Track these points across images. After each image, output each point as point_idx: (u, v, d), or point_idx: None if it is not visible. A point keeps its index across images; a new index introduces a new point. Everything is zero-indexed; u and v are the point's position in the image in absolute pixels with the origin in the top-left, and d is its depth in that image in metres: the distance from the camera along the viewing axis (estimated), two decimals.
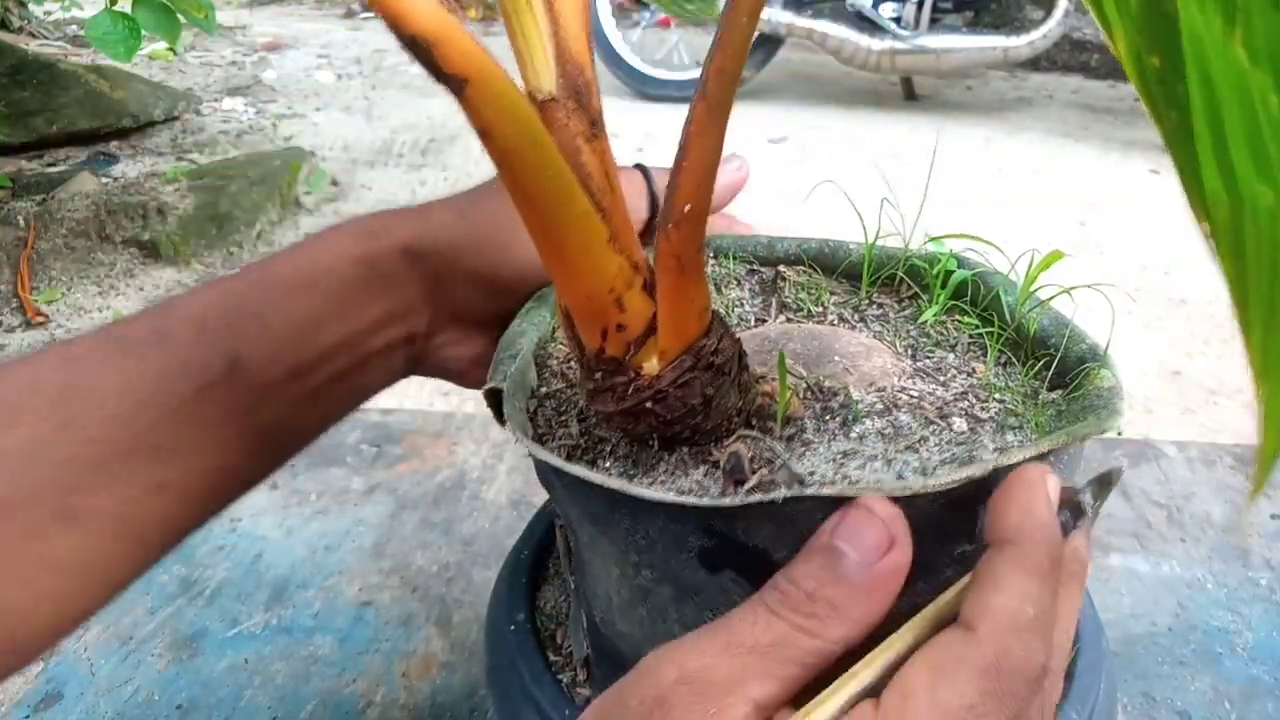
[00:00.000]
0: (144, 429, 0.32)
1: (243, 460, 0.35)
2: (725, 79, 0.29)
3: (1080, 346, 0.41)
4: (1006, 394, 0.40)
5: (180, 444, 0.33)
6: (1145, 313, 1.46)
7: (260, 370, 0.34)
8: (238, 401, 0.34)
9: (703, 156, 0.29)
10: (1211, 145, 0.21)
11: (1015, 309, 0.44)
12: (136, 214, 1.68)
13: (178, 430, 0.32)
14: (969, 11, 2.88)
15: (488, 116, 0.26)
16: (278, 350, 0.34)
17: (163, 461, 0.32)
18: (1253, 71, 0.20)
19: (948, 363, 0.43)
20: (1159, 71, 0.22)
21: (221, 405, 0.33)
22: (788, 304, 0.48)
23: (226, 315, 0.34)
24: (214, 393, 0.33)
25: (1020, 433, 0.37)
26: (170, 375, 0.33)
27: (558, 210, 0.28)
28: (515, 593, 0.49)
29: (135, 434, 0.32)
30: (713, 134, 0.29)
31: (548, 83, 0.28)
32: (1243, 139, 0.21)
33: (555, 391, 0.41)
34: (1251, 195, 0.21)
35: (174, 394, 0.33)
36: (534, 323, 0.43)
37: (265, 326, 0.34)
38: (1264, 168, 0.21)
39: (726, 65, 0.28)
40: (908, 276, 0.49)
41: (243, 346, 0.34)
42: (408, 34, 0.24)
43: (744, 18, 0.28)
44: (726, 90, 0.29)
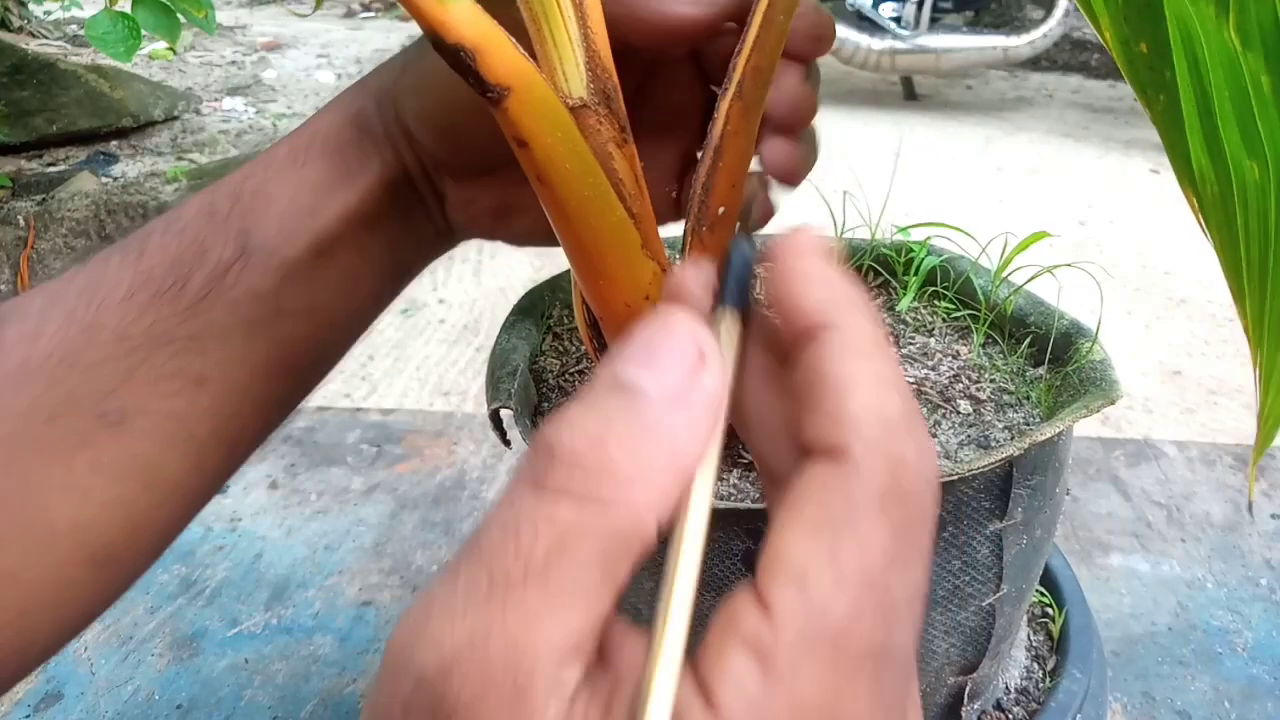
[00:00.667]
0: (167, 320, 0.31)
1: (281, 351, 0.34)
2: (760, 78, 0.28)
3: (1062, 323, 0.42)
4: (996, 374, 0.41)
5: (207, 332, 0.32)
6: (1145, 313, 1.46)
7: (275, 248, 0.33)
8: (258, 283, 0.33)
9: (737, 157, 0.29)
10: (1200, 125, 0.22)
11: (989, 292, 0.45)
12: (136, 213, 1.68)
13: (201, 319, 0.32)
14: (969, 11, 2.88)
15: (528, 125, 0.26)
16: (289, 224, 0.33)
17: (194, 353, 0.32)
18: (1244, 55, 0.21)
19: (931, 347, 0.44)
20: (1147, 58, 0.22)
21: (242, 287, 0.32)
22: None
23: (232, 197, 0.33)
24: (231, 276, 0.32)
25: (1021, 410, 0.38)
26: (184, 261, 0.32)
27: (596, 220, 0.28)
28: None
29: (159, 326, 0.31)
30: (747, 134, 0.29)
31: (578, 88, 0.27)
32: (1232, 119, 0.21)
33: (559, 406, 0.41)
34: (1239, 170, 0.22)
35: (190, 281, 0.32)
36: (522, 336, 0.43)
37: (272, 200, 0.33)
38: (1253, 145, 0.21)
39: (762, 64, 0.28)
40: (877, 265, 0.50)
41: (252, 223, 0.33)
42: (450, 44, 0.24)
43: (780, 15, 0.27)
44: (761, 89, 0.29)
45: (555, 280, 0.51)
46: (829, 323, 0.19)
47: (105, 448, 0.31)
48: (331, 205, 0.33)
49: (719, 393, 0.19)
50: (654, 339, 0.19)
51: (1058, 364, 0.41)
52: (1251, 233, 0.22)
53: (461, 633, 0.16)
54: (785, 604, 0.16)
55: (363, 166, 0.34)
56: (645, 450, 0.18)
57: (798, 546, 0.17)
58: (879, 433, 0.17)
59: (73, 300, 0.31)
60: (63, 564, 0.30)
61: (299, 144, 0.34)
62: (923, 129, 2.59)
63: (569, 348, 0.47)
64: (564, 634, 0.16)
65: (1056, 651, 0.52)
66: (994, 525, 0.34)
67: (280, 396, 0.36)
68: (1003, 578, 0.40)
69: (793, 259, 0.20)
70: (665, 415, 0.18)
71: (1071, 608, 0.53)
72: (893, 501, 0.17)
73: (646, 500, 0.17)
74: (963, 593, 0.39)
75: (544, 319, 0.49)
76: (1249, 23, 0.20)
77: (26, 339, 0.31)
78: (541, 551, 0.17)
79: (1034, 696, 0.50)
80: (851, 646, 0.16)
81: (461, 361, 1.32)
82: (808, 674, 0.16)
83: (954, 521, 0.31)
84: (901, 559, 0.17)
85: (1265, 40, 0.20)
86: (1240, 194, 0.22)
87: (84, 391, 0.30)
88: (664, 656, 0.16)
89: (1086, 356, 0.39)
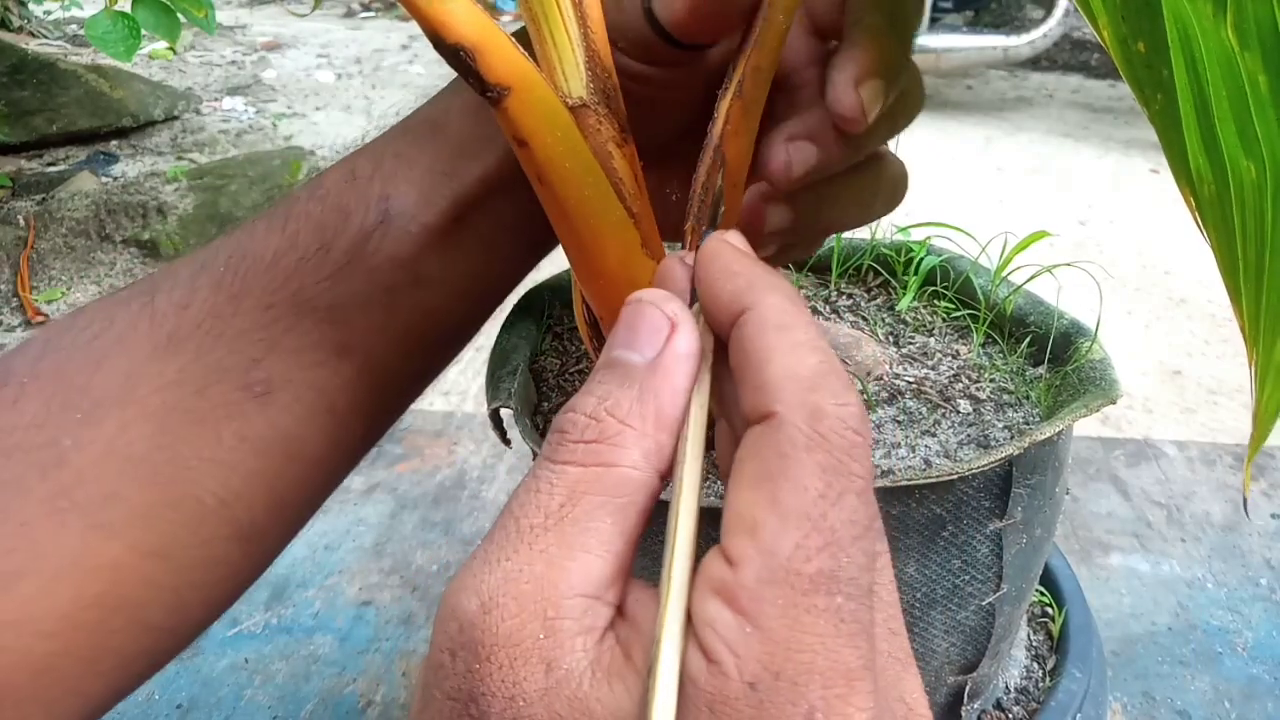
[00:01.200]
0: (311, 287, 0.31)
1: (419, 321, 0.34)
2: (760, 77, 0.28)
3: (1062, 323, 0.42)
4: (996, 373, 0.41)
5: (350, 300, 0.32)
6: (1145, 313, 1.46)
7: (415, 213, 0.32)
8: (399, 250, 0.32)
9: (738, 157, 0.29)
10: (1197, 124, 0.22)
11: (988, 291, 0.45)
12: (136, 213, 1.68)
13: (344, 286, 0.32)
14: (969, 11, 2.88)
15: (528, 125, 0.26)
16: (428, 189, 0.32)
17: (338, 321, 0.32)
18: (1242, 54, 0.21)
19: (931, 347, 0.44)
20: (1144, 57, 0.22)
21: (383, 254, 0.32)
22: None
23: (374, 162, 0.33)
24: (373, 242, 0.32)
25: (1020, 409, 0.38)
26: (327, 227, 0.32)
27: (595, 220, 0.28)
28: None
29: (304, 293, 0.31)
30: (747, 133, 0.29)
31: (578, 87, 0.27)
32: (1230, 117, 0.21)
33: (559, 406, 0.41)
34: (1237, 170, 0.22)
35: (334, 246, 0.31)
36: (522, 336, 0.43)
37: (411, 164, 0.32)
38: (1249, 144, 0.21)
39: (762, 63, 0.28)
40: (877, 265, 0.50)
41: (393, 188, 0.32)
42: (450, 44, 0.24)
43: (780, 15, 0.27)
44: (761, 88, 0.28)
45: (555, 279, 0.51)
46: (745, 305, 0.21)
47: (252, 420, 0.30)
48: (471, 169, 0.32)
49: (692, 351, 0.22)
50: (632, 319, 0.22)
51: (1057, 363, 0.41)
52: (1248, 232, 0.22)
53: (498, 575, 0.19)
54: (740, 551, 0.18)
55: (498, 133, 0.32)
56: (635, 411, 0.21)
57: (744, 500, 0.19)
58: (796, 391, 0.19)
59: (221, 267, 0.31)
60: (210, 540, 0.30)
61: (437, 109, 0.34)
62: (922, 129, 2.59)
63: (569, 347, 0.47)
64: (586, 576, 0.19)
65: (1056, 651, 0.52)
66: (994, 524, 0.34)
67: (417, 369, 0.35)
68: (1002, 577, 0.40)
69: (708, 262, 0.23)
70: (648, 379, 0.21)
71: (1071, 607, 0.53)
72: (816, 447, 0.19)
73: (642, 451, 0.20)
74: (962, 592, 0.39)
75: (544, 318, 0.49)
76: (1246, 22, 0.21)
77: (176, 307, 0.30)
78: (557, 503, 0.20)
79: (1034, 696, 0.50)
80: (802, 577, 0.18)
81: (461, 361, 1.32)
82: (769, 607, 0.17)
83: (954, 520, 0.31)
84: (833, 493, 0.18)
85: (1263, 40, 0.21)
86: (1237, 193, 0.22)
87: (231, 361, 0.30)
88: (670, 608, 0.18)
89: (1086, 356, 0.39)
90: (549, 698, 0.18)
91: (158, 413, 0.29)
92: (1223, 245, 0.23)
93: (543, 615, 0.19)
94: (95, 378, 0.29)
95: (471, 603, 0.19)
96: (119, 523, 0.28)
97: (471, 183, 0.32)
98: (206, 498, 0.30)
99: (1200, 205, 0.23)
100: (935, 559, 0.37)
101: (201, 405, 0.30)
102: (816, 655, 0.17)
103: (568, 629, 0.19)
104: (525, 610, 0.19)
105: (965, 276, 0.47)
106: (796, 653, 0.17)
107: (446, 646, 0.19)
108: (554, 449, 0.21)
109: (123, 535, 0.28)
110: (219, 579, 0.31)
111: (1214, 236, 0.23)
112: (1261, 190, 0.22)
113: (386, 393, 0.34)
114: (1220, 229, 0.23)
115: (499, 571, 0.19)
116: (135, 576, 0.29)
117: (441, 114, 0.33)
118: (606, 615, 0.19)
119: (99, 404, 0.29)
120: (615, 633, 0.19)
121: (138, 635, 0.29)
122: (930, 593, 0.38)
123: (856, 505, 0.19)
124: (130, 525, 0.28)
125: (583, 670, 0.18)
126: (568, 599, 0.19)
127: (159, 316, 0.30)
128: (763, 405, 0.20)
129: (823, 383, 0.19)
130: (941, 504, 0.35)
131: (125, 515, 0.28)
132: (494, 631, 0.18)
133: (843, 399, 0.19)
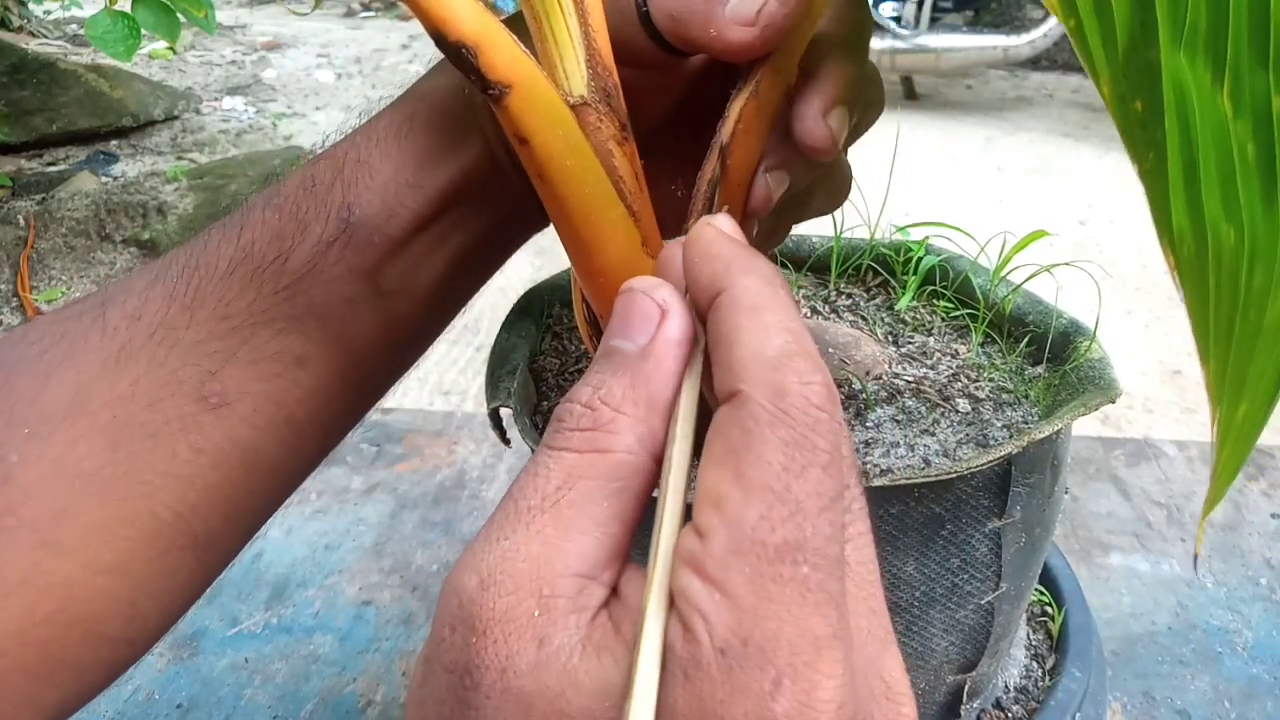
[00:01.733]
0: (268, 298, 0.31)
1: (381, 330, 0.33)
2: (779, 80, 0.28)
3: (1061, 322, 0.42)
4: (995, 372, 0.41)
5: (309, 311, 0.31)
6: (1145, 313, 1.46)
7: (378, 223, 0.31)
8: (360, 260, 0.31)
9: (746, 157, 0.29)
10: (1184, 186, 0.22)
11: (987, 291, 0.45)
12: (136, 213, 1.68)
13: (303, 296, 0.31)
14: (969, 10, 2.88)
15: (529, 123, 0.26)
16: (392, 198, 0.32)
17: (296, 332, 0.31)
18: (1235, 122, 0.22)
19: (930, 346, 0.44)
20: (1140, 115, 0.23)
21: (344, 264, 0.31)
22: None
23: (334, 169, 0.32)
24: (334, 252, 0.31)
25: (1019, 408, 0.38)
26: (285, 236, 0.31)
27: (596, 218, 0.28)
28: None
29: (260, 304, 0.31)
30: (758, 134, 0.29)
31: (579, 85, 0.27)
32: (1215, 182, 0.22)
33: (558, 404, 0.41)
34: (1217, 234, 0.22)
35: (292, 256, 0.31)
36: (522, 335, 0.43)
37: (374, 172, 0.32)
38: (1232, 210, 0.22)
39: (782, 66, 0.28)
40: (876, 265, 0.50)
41: (354, 197, 0.31)
42: (452, 41, 0.24)
43: (805, 24, 0.27)
44: (778, 91, 0.28)
45: (555, 279, 0.51)
46: (720, 288, 0.21)
47: (208, 432, 0.30)
48: (436, 178, 0.32)
49: (682, 336, 0.22)
50: (625, 308, 0.23)
51: (1056, 363, 0.41)
52: (1222, 295, 0.23)
53: (495, 554, 0.20)
54: (709, 524, 0.19)
55: (467, 139, 0.32)
56: (628, 397, 0.21)
57: (711, 476, 0.19)
58: (760, 370, 0.20)
59: (174, 278, 0.31)
60: (167, 552, 0.30)
61: (401, 114, 0.33)
62: (922, 128, 2.59)
63: (569, 347, 0.47)
64: (581, 556, 0.20)
65: (1056, 650, 0.52)
66: (992, 524, 0.34)
67: (377, 377, 0.35)
68: (1001, 576, 0.40)
69: (690, 247, 0.23)
70: (639, 366, 0.22)
71: (1071, 607, 0.53)
72: (778, 423, 0.19)
73: (635, 435, 0.21)
74: (961, 591, 0.39)
75: (544, 318, 0.49)
76: (1242, 92, 0.21)
77: (128, 319, 0.30)
78: (554, 486, 0.20)
79: (1033, 695, 0.50)
80: (767, 546, 0.18)
81: (461, 361, 1.32)
82: (736, 575, 0.18)
83: (953, 519, 0.31)
84: (796, 466, 0.19)
85: (1256, 110, 0.21)
86: (1215, 256, 0.23)
87: (186, 373, 0.30)
88: (655, 582, 0.19)
89: (1085, 355, 0.39)
90: (539, 670, 0.19)
91: (109, 427, 0.29)
92: (1197, 306, 0.23)
93: (538, 593, 0.19)
94: (44, 392, 0.29)
95: (471, 580, 0.20)
96: (71, 540, 0.28)
97: (436, 193, 0.32)
98: (162, 511, 0.29)
99: (1179, 264, 0.23)
100: (934, 558, 0.37)
101: (155, 419, 0.29)
102: (784, 623, 0.18)
103: (561, 607, 0.19)
104: (521, 588, 0.19)
105: (964, 276, 0.47)
106: (764, 620, 0.18)
107: (447, 621, 0.20)
108: (552, 436, 0.21)
109: (75, 553, 0.28)
110: (175, 588, 0.31)
111: (1189, 297, 0.23)
112: (1238, 256, 0.22)
113: (346, 401, 0.34)
114: (1196, 290, 0.23)
115: (497, 550, 0.20)
116: (89, 593, 0.28)
117: (406, 120, 0.32)
118: (601, 595, 0.20)
119: (47, 419, 0.28)
120: (608, 611, 0.20)
121: (94, 647, 0.29)
122: (929, 592, 0.38)
123: (821, 478, 0.19)
124: (83, 542, 0.28)
125: (573, 645, 0.19)
126: (562, 578, 0.19)
127: (110, 329, 0.30)
128: (729, 384, 0.20)
129: (788, 362, 0.20)
130: (940, 503, 0.35)
131: (78, 532, 0.28)
132: (491, 607, 0.19)
133: (807, 378, 0.20)
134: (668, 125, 0.34)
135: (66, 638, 0.28)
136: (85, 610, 0.28)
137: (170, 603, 0.31)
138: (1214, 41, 0.21)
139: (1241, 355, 0.23)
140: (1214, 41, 0.21)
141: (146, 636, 0.30)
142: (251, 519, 0.33)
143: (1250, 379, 0.23)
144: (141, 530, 0.29)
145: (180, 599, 0.31)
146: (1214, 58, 0.21)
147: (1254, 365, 0.23)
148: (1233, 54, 0.21)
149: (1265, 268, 0.22)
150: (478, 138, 0.32)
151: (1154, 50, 0.22)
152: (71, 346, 0.29)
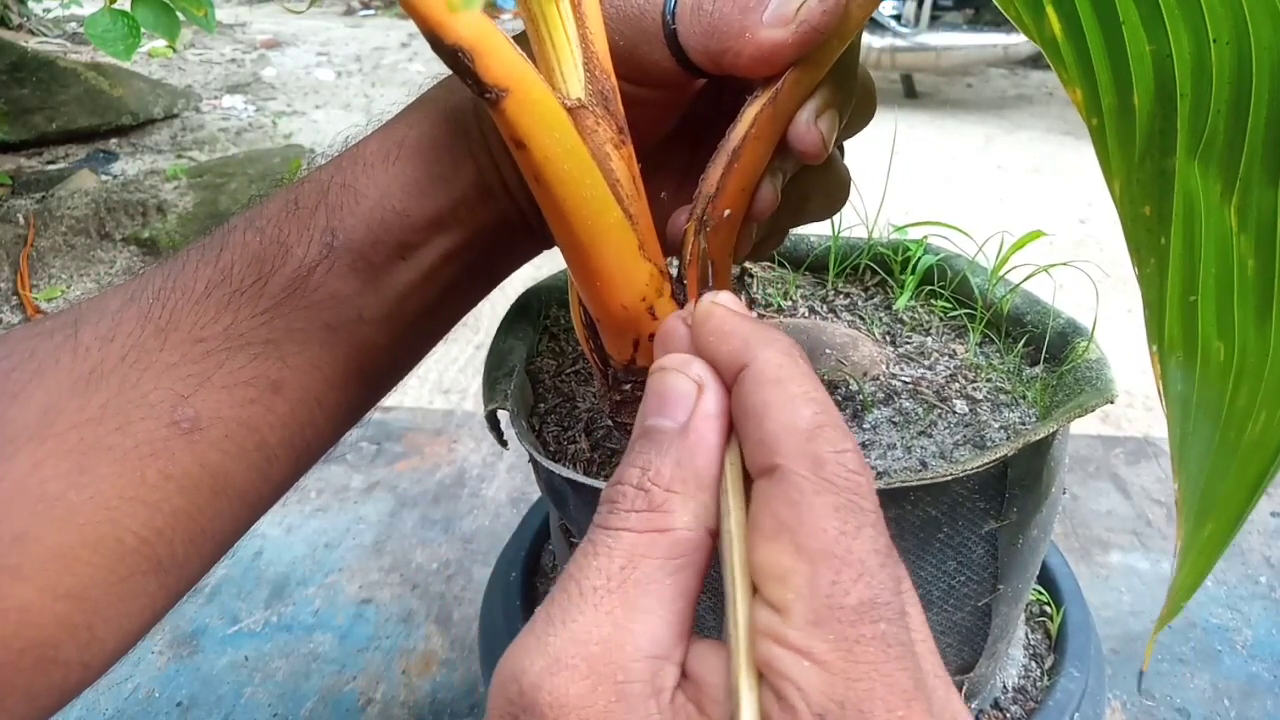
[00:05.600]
0: (245, 321, 0.30)
1: (359, 358, 0.33)
2: (799, 91, 0.28)
3: (1059, 322, 0.42)
4: (993, 373, 0.41)
5: (286, 336, 0.30)
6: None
7: (362, 250, 0.31)
8: (342, 286, 0.31)
9: (754, 162, 0.29)
10: (1181, 295, 0.23)
11: (985, 290, 0.45)
12: (136, 211, 1.68)
13: (281, 321, 0.30)
14: (969, 9, 2.88)
15: (525, 126, 0.25)
16: (377, 226, 0.31)
17: (272, 358, 0.30)
18: (1239, 236, 0.22)
19: (928, 346, 0.44)
20: (1148, 220, 0.23)
21: (325, 290, 0.31)
22: (757, 300, 0.49)
23: (318, 193, 0.31)
24: (316, 277, 0.30)
25: (1016, 409, 0.38)
26: (265, 259, 0.30)
27: (593, 221, 0.28)
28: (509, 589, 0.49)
29: (237, 328, 0.30)
30: (769, 142, 0.29)
31: (576, 89, 0.27)
32: (1213, 294, 0.22)
33: (555, 407, 0.41)
34: (1208, 347, 0.23)
35: (271, 280, 0.30)
36: (519, 337, 0.43)
37: (360, 198, 0.31)
38: (1225, 325, 0.22)
39: (804, 79, 0.28)
40: (874, 264, 0.50)
41: (338, 222, 0.31)
42: (448, 44, 0.24)
43: (834, 40, 0.27)
44: (795, 102, 0.28)
45: (552, 280, 0.51)
46: (742, 363, 0.22)
47: (178, 458, 0.29)
48: (423, 207, 0.31)
49: (720, 410, 0.23)
50: (660, 387, 0.23)
51: (1054, 363, 0.41)
52: (1205, 410, 0.23)
53: (564, 636, 0.20)
54: (780, 598, 0.19)
55: (456, 168, 0.32)
56: (677, 476, 0.22)
57: (766, 553, 0.20)
58: (795, 443, 0.20)
59: (149, 299, 0.30)
60: (129, 577, 0.29)
61: (390, 140, 0.32)
62: (922, 127, 2.59)
63: (565, 348, 0.47)
64: (651, 638, 0.20)
65: (1055, 650, 0.52)
66: (989, 525, 0.34)
67: (353, 404, 0.34)
68: (999, 577, 0.40)
69: (702, 326, 0.24)
70: (682, 442, 0.22)
71: (1070, 606, 0.53)
72: (824, 490, 0.20)
73: (690, 512, 0.21)
74: (958, 593, 0.39)
75: (541, 319, 0.49)
76: (1250, 206, 0.21)
77: (101, 340, 0.29)
78: (618, 565, 0.20)
79: (1032, 695, 0.50)
80: (845, 609, 0.19)
81: (461, 359, 1.32)
82: (822, 643, 0.18)
83: (949, 522, 0.31)
84: (851, 528, 0.19)
85: (1261, 225, 0.21)
86: (1203, 370, 0.23)
87: (157, 397, 0.29)
88: (741, 656, 0.20)
89: (1082, 356, 0.39)
90: None
91: (76, 449, 0.28)
92: (1179, 418, 0.24)
93: (613, 679, 0.19)
94: (10, 412, 0.28)
95: (536, 663, 0.19)
96: (30, 565, 0.27)
97: (423, 221, 0.31)
98: (127, 537, 0.29)
99: (1165, 374, 0.23)
100: (931, 561, 0.37)
101: (125, 442, 0.28)
102: (874, 681, 0.18)
103: (638, 692, 0.19)
104: (596, 672, 0.19)
105: (962, 276, 0.47)
106: (855, 681, 0.18)
107: (507, 710, 0.19)
108: (606, 517, 0.21)
109: (34, 578, 0.27)
110: (135, 612, 0.30)
111: (1171, 408, 0.24)
112: (1226, 372, 0.22)
113: (320, 428, 0.33)
114: (1179, 403, 0.23)
115: (565, 633, 0.20)
116: (46, 618, 0.27)
117: (395, 146, 0.32)
118: (674, 675, 0.20)
119: (11, 440, 0.27)
120: (683, 691, 0.20)
121: (47, 672, 0.28)
122: (926, 595, 0.38)
123: (875, 536, 0.20)
124: (43, 567, 0.27)
125: None
126: (635, 661, 0.19)
127: (82, 350, 0.29)
128: (765, 459, 0.20)
129: (820, 433, 0.20)
130: (937, 505, 0.35)
131: (37, 557, 0.27)
132: (564, 692, 0.19)
133: (840, 445, 0.20)
134: (666, 141, 0.33)
135: (19, 663, 0.27)
136: (40, 636, 0.27)
137: (129, 627, 0.30)
138: (1229, 155, 0.22)
139: (1215, 473, 0.23)
140: (1229, 155, 0.22)
141: (103, 660, 0.30)
142: (217, 543, 0.32)
143: (1221, 497, 0.23)
144: (104, 555, 0.28)
145: (140, 623, 0.30)
146: (1226, 170, 0.22)
147: (1226, 484, 0.23)
148: (1245, 168, 0.21)
149: (1251, 386, 0.22)
150: (468, 167, 0.32)
151: (1170, 158, 0.22)
152: (41, 365, 0.29)
